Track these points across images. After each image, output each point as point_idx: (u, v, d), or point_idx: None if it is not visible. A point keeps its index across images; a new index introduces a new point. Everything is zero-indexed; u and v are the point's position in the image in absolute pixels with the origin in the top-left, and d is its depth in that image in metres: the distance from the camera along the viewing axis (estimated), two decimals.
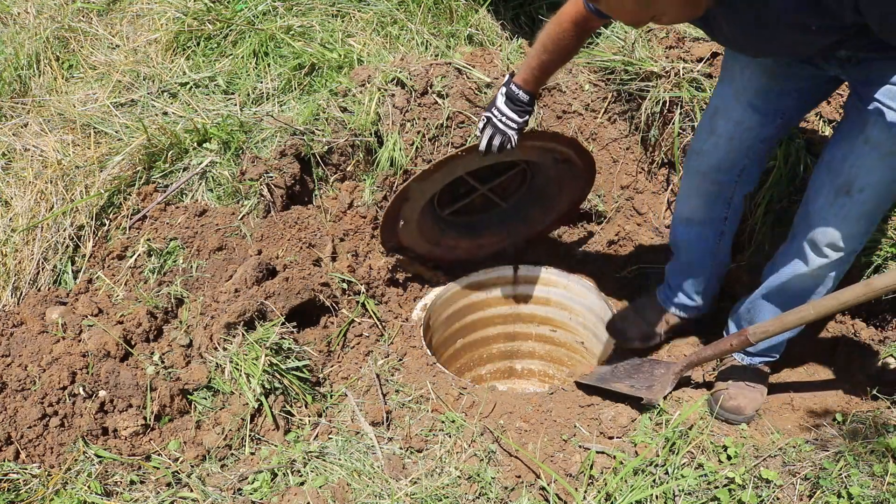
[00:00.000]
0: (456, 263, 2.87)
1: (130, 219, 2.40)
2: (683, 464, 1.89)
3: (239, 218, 2.42)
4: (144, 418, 1.93)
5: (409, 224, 2.53)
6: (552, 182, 2.72)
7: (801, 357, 2.36)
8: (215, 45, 2.92)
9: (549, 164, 2.59)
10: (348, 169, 2.69)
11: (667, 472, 1.85)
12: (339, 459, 1.92)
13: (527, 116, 2.10)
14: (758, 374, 2.15)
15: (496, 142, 2.11)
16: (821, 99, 1.99)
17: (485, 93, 2.72)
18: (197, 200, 2.47)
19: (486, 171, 2.68)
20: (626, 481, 1.82)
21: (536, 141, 2.40)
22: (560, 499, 1.85)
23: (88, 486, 1.79)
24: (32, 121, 2.68)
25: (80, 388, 1.91)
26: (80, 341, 2.04)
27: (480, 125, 2.15)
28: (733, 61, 1.92)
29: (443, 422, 2.11)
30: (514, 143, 2.12)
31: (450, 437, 2.04)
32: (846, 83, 1.79)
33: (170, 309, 2.22)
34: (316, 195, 2.66)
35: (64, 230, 2.33)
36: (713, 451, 1.97)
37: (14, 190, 2.39)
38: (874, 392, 2.12)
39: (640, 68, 2.73)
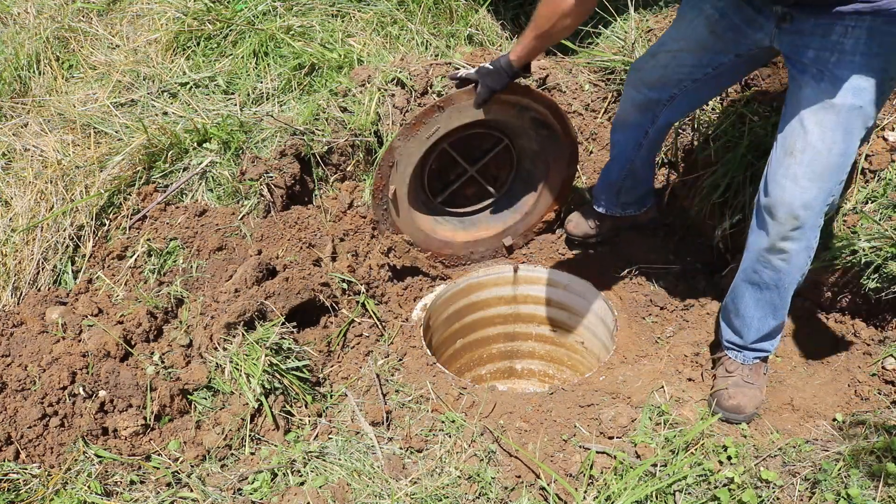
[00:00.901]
0: (453, 259, 2.88)
1: (130, 219, 2.40)
2: (683, 464, 1.89)
3: (239, 218, 2.42)
4: (144, 418, 1.93)
5: (402, 201, 2.58)
6: (538, 160, 2.77)
7: (801, 357, 2.36)
8: (215, 45, 2.92)
9: (529, 130, 2.64)
10: (348, 169, 2.69)
11: (667, 473, 1.85)
12: (339, 459, 1.92)
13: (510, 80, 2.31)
14: (754, 371, 2.15)
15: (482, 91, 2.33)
16: (754, 67, 2.20)
17: None
18: (197, 200, 2.47)
19: (473, 152, 2.77)
20: (625, 481, 1.82)
21: (511, 95, 2.47)
22: (560, 499, 1.85)
23: (88, 486, 1.79)
24: (32, 121, 2.68)
25: (80, 388, 1.91)
26: (80, 341, 2.04)
27: (462, 73, 2.42)
28: (687, 10, 2.10)
29: (443, 422, 2.11)
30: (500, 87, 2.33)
31: (450, 437, 2.04)
32: (782, 56, 1.94)
33: (170, 309, 2.22)
34: (316, 195, 2.66)
35: (64, 230, 2.33)
36: (713, 451, 1.97)
37: (14, 190, 2.39)
38: (874, 392, 2.12)
39: None
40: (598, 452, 1.96)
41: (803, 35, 1.76)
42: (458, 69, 2.63)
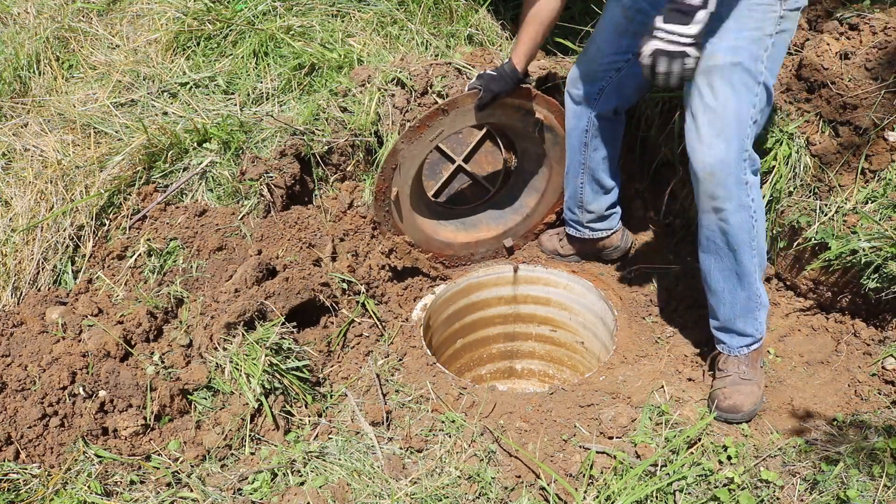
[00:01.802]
0: (454, 260, 2.87)
1: (130, 219, 2.40)
2: (683, 464, 1.89)
3: (239, 218, 2.42)
4: (144, 418, 1.93)
5: (404, 203, 2.58)
6: (541, 162, 2.76)
7: (801, 357, 2.36)
8: (215, 45, 2.92)
9: (533, 133, 2.63)
10: (348, 169, 2.69)
11: (668, 473, 1.85)
12: (339, 459, 1.92)
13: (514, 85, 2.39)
14: (749, 366, 2.16)
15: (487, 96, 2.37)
16: None
17: None
18: (197, 200, 2.47)
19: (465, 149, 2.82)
20: (625, 481, 1.82)
21: (515, 99, 2.50)
22: (560, 499, 1.85)
23: (88, 486, 1.79)
24: (32, 121, 2.68)
25: (80, 388, 1.91)
26: (80, 341, 2.04)
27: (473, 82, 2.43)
28: (608, 1, 2.29)
29: (443, 422, 2.11)
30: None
31: (450, 437, 2.04)
32: None
33: (170, 309, 2.22)
34: (316, 195, 2.66)
35: (64, 230, 2.33)
36: (713, 451, 1.97)
37: (14, 190, 2.39)
38: (874, 392, 2.12)
39: None
40: (598, 452, 1.96)
41: None
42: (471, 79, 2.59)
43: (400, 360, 2.41)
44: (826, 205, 2.38)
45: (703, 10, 1.79)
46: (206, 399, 2.02)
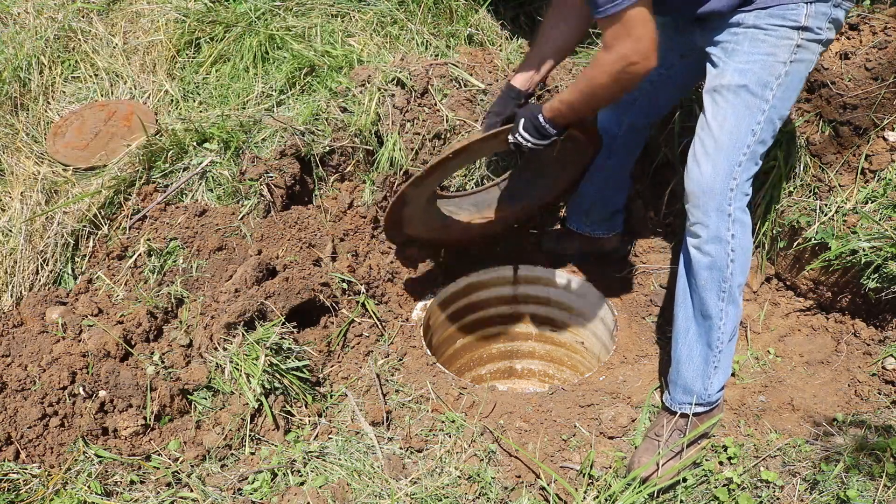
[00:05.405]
0: (468, 243, 2.81)
1: (130, 219, 2.40)
2: (683, 464, 1.89)
3: (239, 218, 2.42)
4: (144, 418, 1.93)
5: (413, 220, 2.51)
6: (555, 161, 2.54)
7: (801, 357, 2.36)
8: (215, 46, 2.92)
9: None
10: (348, 169, 2.69)
11: (667, 473, 1.85)
12: (339, 459, 1.92)
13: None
14: (682, 432, 1.99)
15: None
16: (703, 70, 2.08)
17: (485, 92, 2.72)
18: (197, 200, 2.47)
19: None
20: (625, 481, 1.82)
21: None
22: (560, 499, 1.85)
23: (88, 486, 1.79)
24: (32, 121, 2.68)
25: (80, 388, 1.91)
26: (80, 341, 2.04)
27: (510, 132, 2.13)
28: None
29: (443, 422, 2.11)
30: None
31: (450, 437, 2.04)
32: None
33: (170, 309, 2.22)
34: (316, 195, 2.66)
35: (64, 230, 2.33)
36: (713, 451, 1.97)
37: (14, 190, 2.39)
38: (874, 392, 2.12)
39: None
40: (597, 453, 1.96)
41: (715, 30, 1.89)
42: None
43: (400, 360, 2.41)
44: (826, 205, 2.38)
45: (557, 136, 1.97)
46: (206, 399, 2.02)
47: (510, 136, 2.06)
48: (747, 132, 1.84)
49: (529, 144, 2.02)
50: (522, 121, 2.01)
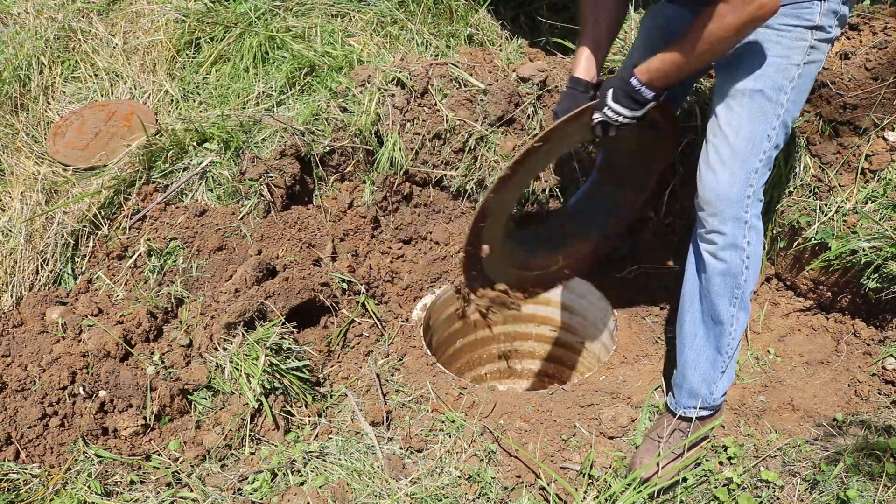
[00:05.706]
0: (556, 279, 2.60)
1: (130, 219, 2.40)
2: (683, 464, 1.89)
3: (239, 218, 2.42)
4: (144, 418, 1.93)
5: (494, 253, 2.18)
6: (634, 159, 2.42)
7: (801, 357, 2.36)
8: (215, 46, 2.92)
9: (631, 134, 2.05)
10: (348, 169, 2.69)
11: (668, 473, 1.85)
12: (339, 459, 1.92)
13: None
14: (684, 435, 1.98)
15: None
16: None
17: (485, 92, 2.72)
18: (197, 200, 2.47)
19: None
20: (626, 481, 1.82)
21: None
22: (560, 499, 1.85)
23: (88, 486, 1.79)
24: (32, 121, 2.68)
25: (80, 388, 1.91)
26: (80, 341, 2.04)
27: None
28: (647, 19, 2.16)
29: (443, 422, 2.11)
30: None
31: (450, 437, 2.04)
32: None
33: (170, 309, 2.22)
34: (316, 195, 2.66)
35: (64, 230, 2.33)
36: (713, 451, 1.97)
37: (13, 190, 2.39)
38: (874, 392, 2.12)
39: None
40: (597, 453, 1.96)
41: None
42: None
43: (400, 360, 2.41)
44: (826, 205, 2.38)
45: (654, 102, 1.80)
46: (206, 399, 2.02)
47: (596, 114, 1.86)
48: (763, 138, 1.80)
49: (621, 118, 1.81)
50: (610, 91, 1.81)
